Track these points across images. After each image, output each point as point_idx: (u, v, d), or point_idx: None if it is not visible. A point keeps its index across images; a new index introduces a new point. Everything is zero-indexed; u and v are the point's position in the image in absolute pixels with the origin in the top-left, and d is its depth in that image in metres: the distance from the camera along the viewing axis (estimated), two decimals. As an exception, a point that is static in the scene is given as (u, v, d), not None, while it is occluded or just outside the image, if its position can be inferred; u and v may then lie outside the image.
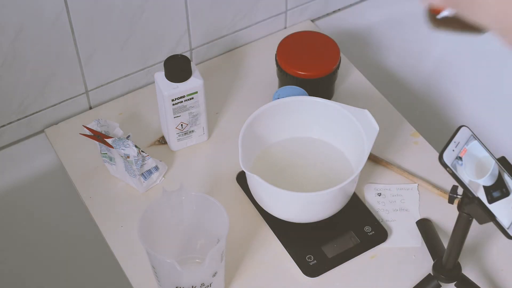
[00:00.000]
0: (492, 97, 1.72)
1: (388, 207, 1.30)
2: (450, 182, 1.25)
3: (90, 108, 1.47)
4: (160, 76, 1.30)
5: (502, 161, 1.03)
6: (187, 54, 1.51)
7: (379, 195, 1.32)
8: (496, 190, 1.01)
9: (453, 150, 1.00)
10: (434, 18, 0.90)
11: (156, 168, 1.32)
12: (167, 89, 1.29)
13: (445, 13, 0.89)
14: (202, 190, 1.32)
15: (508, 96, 1.69)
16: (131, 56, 1.44)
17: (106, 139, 1.27)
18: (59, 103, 1.43)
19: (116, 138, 1.27)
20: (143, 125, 1.43)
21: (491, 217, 1.01)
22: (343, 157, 1.31)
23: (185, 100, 1.30)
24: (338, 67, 1.42)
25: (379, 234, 1.26)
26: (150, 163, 1.29)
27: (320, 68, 1.40)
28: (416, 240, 1.26)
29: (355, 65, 1.55)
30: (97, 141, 1.29)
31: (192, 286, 1.09)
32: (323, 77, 1.40)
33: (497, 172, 1.02)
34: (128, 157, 1.26)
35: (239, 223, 1.27)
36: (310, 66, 1.40)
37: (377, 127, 1.23)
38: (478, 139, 1.02)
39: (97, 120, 1.30)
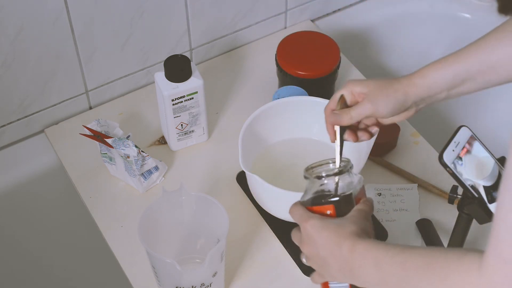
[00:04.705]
0: (492, 97, 1.72)
1: (388, 207, 1.30)
2: (450, 182, 1.25)
3: (90, 108, 1.47)
4: (160, 76, 1.30)
5: (502, 161, 1.03)
6: (187, 54, 1.51)
7: (379, 195, 1.32)
8: (496, 190, 1.01)
9: (453, 150, 1.00)
10: None
11: (156, 168, 1.32)
12: (167, 89, 1.29)
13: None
14: (202, 190, 1.32)
15: (508, 96, 1.69)
16: (131, 56, 1.44)
17: (106, 139, 1.27)
18: (59, 103, 1.43)
19: (116, 138, 1.27)
20: (143, 125, 1.43)
21: (491, 217, 1.01)
22: (343, 157, 1.31)
23: (185, 100, 1.30)
24: (338, 67, 1.42)
25: (379, 234, 1.26)
26: (150, 163, 1.29)
27: (320, 68, 1.40)
28: (416, 240, 1.26)
29: (355, 65, 1.55)
30: (97, 141, 1.29)
31: (192, 286, 1.09)
32: (323, 77, 1.40)
33: (497, 172, 1.02)
34: (128, 157, 1.26)
35: (239, 223, 1.27)
36: (310, 66, 1.40)
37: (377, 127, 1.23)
38: (478, 139, 1.02)
39: (97, 120, 1.30)
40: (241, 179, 1.33)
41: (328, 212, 0.97)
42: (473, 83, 1.04)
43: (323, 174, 0.99)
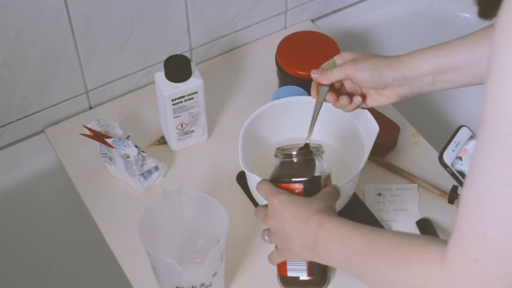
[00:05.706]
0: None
1: (388, 207, 1.30)
2: (450, 182, 1.25)
3: (90, 108, 1.47)
4: (160, 76, 1.30)
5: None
6: (187, 54, 1.51)
7: (379, 195, 1.32)
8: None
9: (453, 150, 1.00)
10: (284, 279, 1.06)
11: (156, 168, 1.32)
12: (167, 89, 1.29)
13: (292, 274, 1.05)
14: (202, 190, 1.32)
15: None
16: (131, 56, 1.44)
17: (106, 139, 1.27)
18: (59, 103, 1.43)
19: (116, 138, 1.27)
20: (143, 125, 1.43)
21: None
22: (343, 157, 1.31)
23: (185, 100, 1.30)
24: (338, 67, 1.42)
25: (379, 234, 1.26)
26: (150, 163, 1.30)
27: (320, 68, 1.40)
28: (416, 240, 1.26)
29: (355, 65, 1.55)
30: (97, 141, 1.29)
31: (192, 286, 1.09)
32: (323, 77, 1.40)
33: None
34: (128, 157, 1.26)
35: (239, 223, 1.27)
36: (310, 66, 1.40)
37: (377, 127, 1.23)
38: (478, 139, 1.02)
39: (97, 120, 1.30)
40: (241, 179, 1.33)
41: (296, 191, 1.00)
42: (460, 74, 1.05)
43: (294, 153, 1.02)
